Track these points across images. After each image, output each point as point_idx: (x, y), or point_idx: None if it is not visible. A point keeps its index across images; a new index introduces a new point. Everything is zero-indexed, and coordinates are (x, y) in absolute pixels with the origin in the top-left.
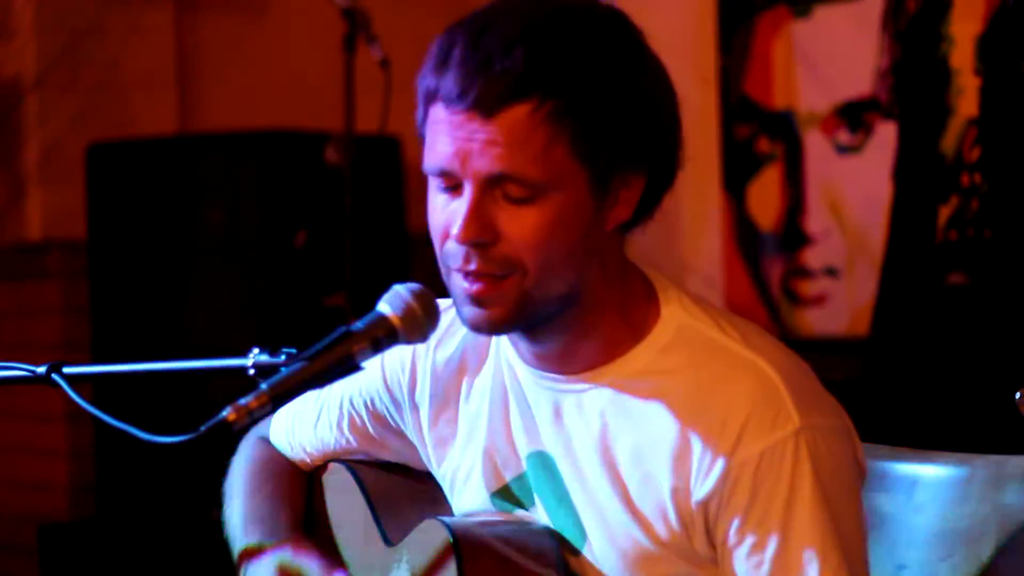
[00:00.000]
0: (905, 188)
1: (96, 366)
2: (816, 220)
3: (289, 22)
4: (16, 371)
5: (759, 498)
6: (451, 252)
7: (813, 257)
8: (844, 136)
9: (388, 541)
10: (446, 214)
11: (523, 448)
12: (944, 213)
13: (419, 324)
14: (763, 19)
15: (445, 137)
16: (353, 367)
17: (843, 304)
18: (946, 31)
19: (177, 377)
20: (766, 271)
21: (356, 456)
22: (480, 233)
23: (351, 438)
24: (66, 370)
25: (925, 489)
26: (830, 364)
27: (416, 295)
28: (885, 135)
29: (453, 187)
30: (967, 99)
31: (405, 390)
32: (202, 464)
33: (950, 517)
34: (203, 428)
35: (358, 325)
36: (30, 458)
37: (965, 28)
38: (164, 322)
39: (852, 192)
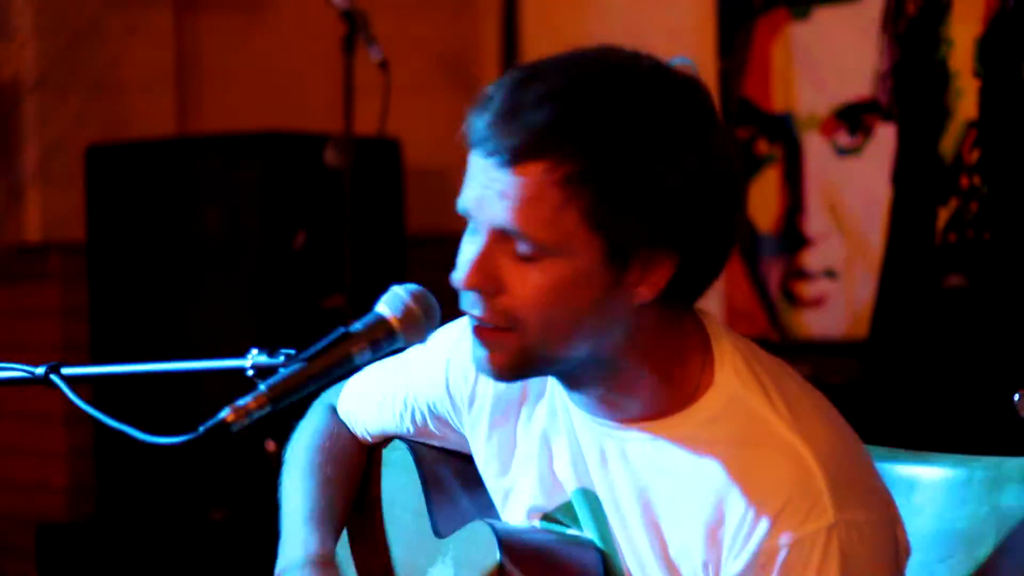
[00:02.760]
0: (904, 190)
1: (95, 367)
2: (815, 222)
3: (288, 24)
4: (15, 372)
5: None
6: (463, 294)
7: (812, 259)
8: (843, 138)
9: (437, 532)
10: (465, 255)
11: (570, 482)
12: (943, 215)
13: (418, 325)
14: (762, 21)
15: (471, 180)
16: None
17: (842, 306)
18: (945, 33)
19: (176, 378)
20: (765, 273)
21: (420, 440)
22: (481, 282)
23: (411, 428)
24: (65, 371)
25: (924, 491)
26: (829, 366)
27: (415, 296)
28: (884, 137)
29: (474, 231)
30: (966, 101)
31: (466, 400)
32: (201, 465)
33: (948, 519)
34: (202, 429)
35: (357, 326)
36: (29, 459)
37: (964, 30)
38: (163, 323)
39: (851, 194)
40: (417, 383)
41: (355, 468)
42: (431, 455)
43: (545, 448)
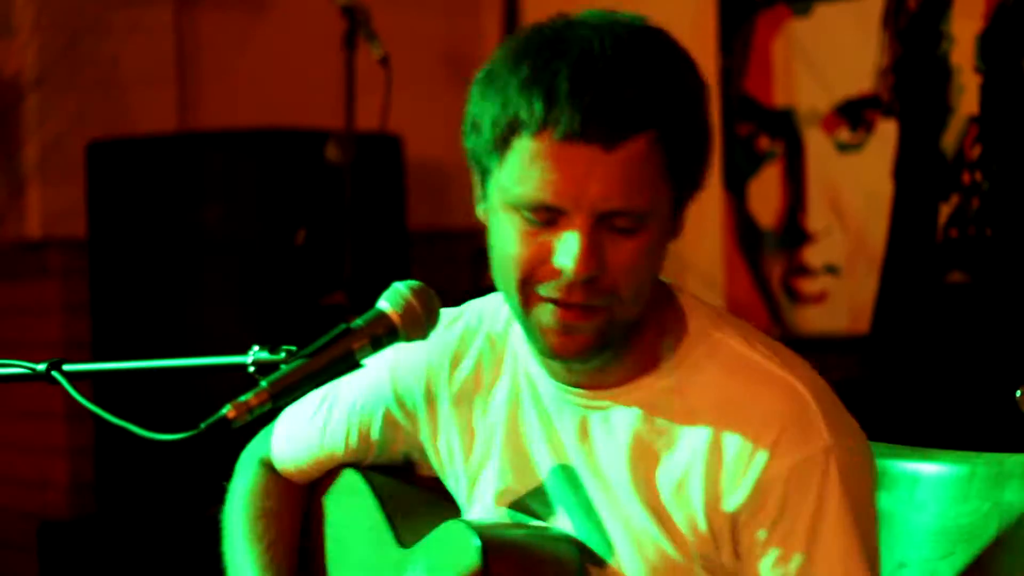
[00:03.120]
0: (906, 186)
1: (96, 364)
2: (817, 218)
3: (289, 20)
4: (16, 368)
5: (787, 512)
6: (547, 283)
7: (813, 255)
8: (845, 134)
9: (401, 543)
10: (536, 245)
11: (544, 461)
12: (945, 211)
13: (419, 322)
14: (763, 17)
15: (552, 172)
16: (353, 364)
17: (843, 302)
18: (946, 29)
19: (177, 375)
20: (766, 269)
21: (364, 460)
22: (596, 267)
23: (356, 446)
24: (66, 367)
25: (925, 487)
26: (830, 362)
27: (416, 292)
28: (886, 133)
29: (547, 221)
30: (968, 97)
31: (418, 400)
32: (202, 462)
33: (950, 515)
34: (203, 425)
35: (358, 323)
36: (30, 456)
37: (965, 26)
38: (164, 320)
39: (853, 190)
40: (360, 398)
41: (294, 518)
42: (381, 475)
43: (511, 434)
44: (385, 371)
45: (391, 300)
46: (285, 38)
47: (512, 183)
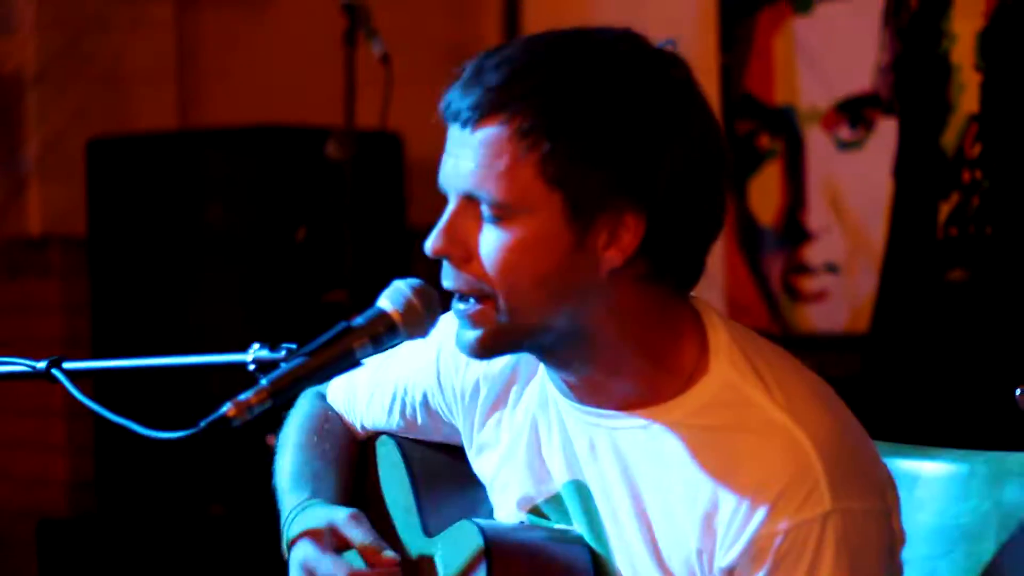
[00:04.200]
0: (906, 184)
1: (96, 361)
2: (817, 216)
3: (290, 17)
4: (16, 366)
5: (778, 573)
6: (443, 269)
7: (813, 253)
8: (845, 132)
9: (427, 530)
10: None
11: (560, 474)
12: (945, 209)
13: (419, 319)
14: (764, 15)
15: (445, 153)
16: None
17: (843, 300)
18: (947, 27)
19: (177, 372)
20: (766, 267)
21: (407, 435)
22: (448, 247)
23: (400, 423)
24: (66, 365)
25: (925, 486)
26: (830, 360)
27: (417, 291)
28: (886, 131)
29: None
30: (968, 95)
31: (458, 391)
32: (202, 460)
33: (950, 514)
34: (203, 424)
35: (358, 321)
36: (29, 454)
37: (966, 24)
38: (164, 318)
39: (853, 188)
40: (408, 376)
41: (349, 451)
42: (419, 451)
43: (534, 437)
44: (433, 356)
45: (392, 298)
46: (286, 36)
47: None
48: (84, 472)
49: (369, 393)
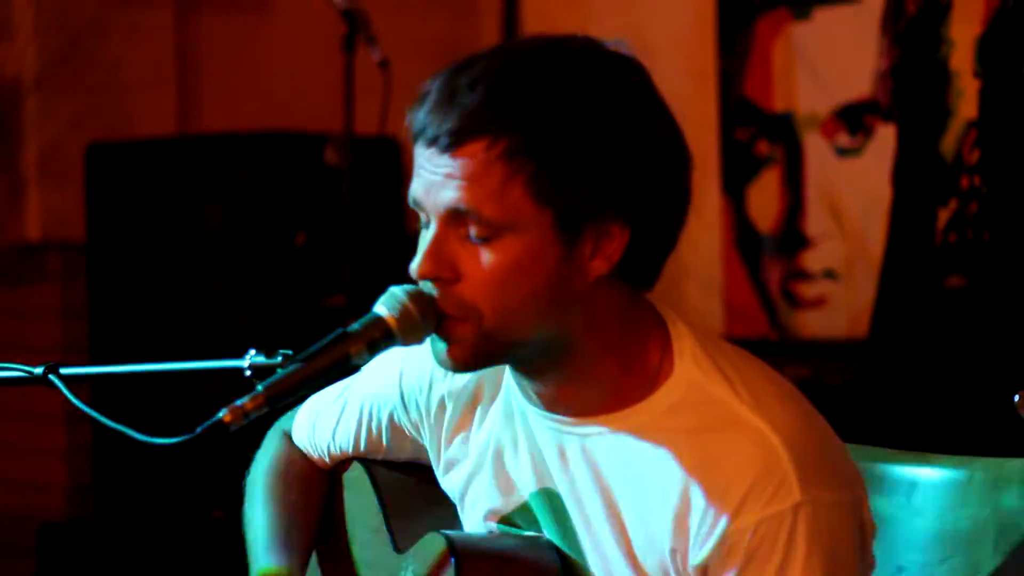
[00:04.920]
0: (904, 190)
1: (93, 367)
2: (815, 222)
3: (289, 23)
4: (14, 372)
5: (750, 566)
6: (421, 285)
7: (812, 259)
8: (844, 138)
9: (396, 549)
10: (420, 243)
11: (528, 484)
12: (943, 215)
13: (415, 326)
14: (763, 21)
15: (417, 171)
16: (350, 369)
17: (842, 306)
18: (946, 33)
19: (174, 378)
20: (765, 273)
21: (375, 457)
22: (436, 269)
23: (366, 445)
24: (63, 371)
25: (924, 491)
26: (829, 367)
27: (413, 297)
28: (885, 137)
29: (427, 223)
30: (967, 101)
31: (423, 409)
32: (199, 465)
33: (949, 520)
34: (199, 429)
35: (354, 327)
36: (28, 458)
37: (965, 30)
38: (163, 323)
39: (851, 194)
40: (372, 397)
41: (315, 493)
42: (388, 473)
43: (499, 450)
44: (395, 374)
45: (388, 305)
46: (285, 41)
47: None
48: (83, 476)
49: (334, 420)
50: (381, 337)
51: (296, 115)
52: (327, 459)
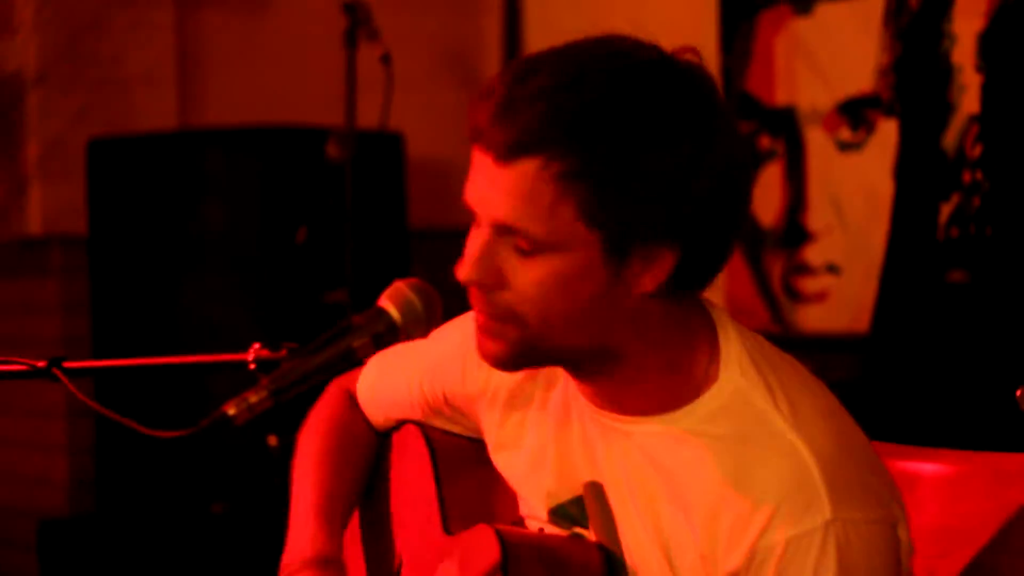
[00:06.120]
0: (906, 185)
1: (96, 361)
2: (817, 217)
3: (290, 18)
4: (16, 366)
5: None
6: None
7: (814, 254)
8: (845, 133)
9: (447, 528)
10: (469, 248)
11: (582, 474)
12: (945, 210)
13: (419, 319)
14: (765, 16)
15: (473, 173)
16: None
17: (844, 301)
18: (948, 28)
19: (178, 372)
20: (767, 268)
21: (431, 424)
22: (481, 276)
23: (423, 415)
24: (66, 365)
25: (926, 486)
26: (830, 361)
27: (417, 291)
28: (886, 132)
29: (478, 222)
30: (969, 96)
31: (481, 384)
32: (203, 459)
33: (950, 514)
34: (203, 423)
35: (359, 320)
36: (30, 453)
37: (967, 25)
38: (165, 318)
39: (853, 189)
40: (434, 371)
41: (366, 455)
42: (445, 442)
43: (559, 436)
44: (459, 356)
45: (392, 298)
46: (286, 36)
47: None
48: (85, 472)
49: (395, 385)
50: (385, 331)
51: (298, 110)
52: (383, 422)
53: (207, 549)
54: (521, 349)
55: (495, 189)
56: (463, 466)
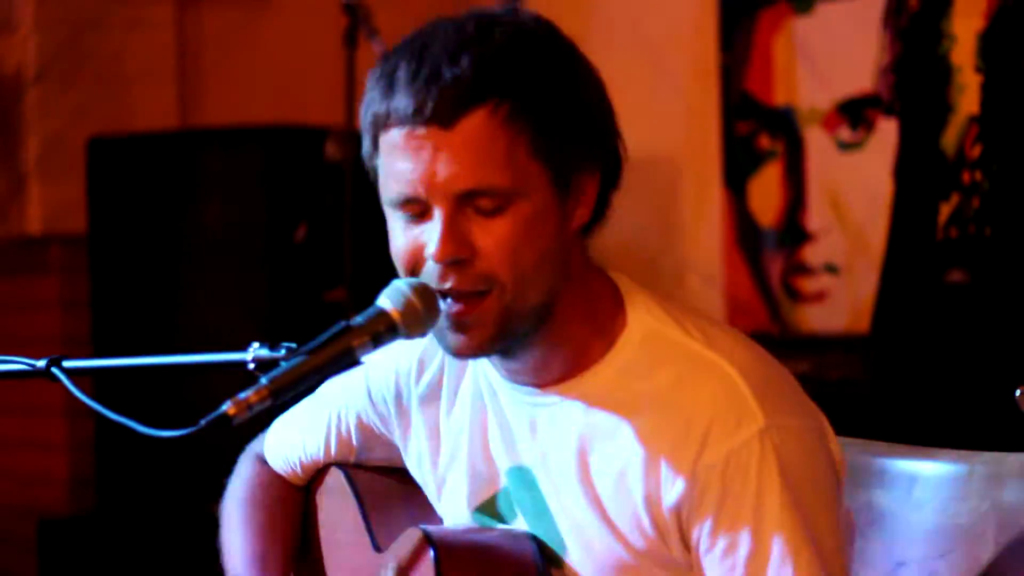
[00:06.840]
0: (906, 185)
1: (96, 360)
2: (817, 217)
3: (290, 17)
4: (16, 365)
5: (728, 501)
6: (426, 274)
7: (813, 254)
8: (845, 133)
9: (377, 547)
10: (411, 237)
11: (503, 463)
12: (945, 210)
13: (419, 319)
14: (764, 16)
15: (405, 162)
16: (353, 362)
17: (843, 301)
18: (947, 28)
19: (177, 371)
20: (766, 268)
21: (347, 461)
22: (458, 250)
23: (337, 449)
24: (66, 364)
25: (924, 486)
26: (830, 361)
27: (416, 290)
28: (886, 132)
29: (419, 214)
30: (968, 96)
31: (391, 405)
32: (202, 458)
33: (949, 514)
34: (203, 422)
35: (358, 320)
36: (30, 452)
37: (966, 25)
38: (164, 316)
39: (853, 189)
40: (338, 401)
41: (290, 512)
42: (365, 474)
43: (471, 433)
44: (360, 374)
45: (391, 297)
46: (286, 35)
47: (384, 181)
48: (84, 470)
49: (303, 430)
50: (385, 330)
51: (297, 109)
52: (300, 472)
53: (207, 547)
54: (501, 322)
55: (448, 158)
56: (386, 491)
